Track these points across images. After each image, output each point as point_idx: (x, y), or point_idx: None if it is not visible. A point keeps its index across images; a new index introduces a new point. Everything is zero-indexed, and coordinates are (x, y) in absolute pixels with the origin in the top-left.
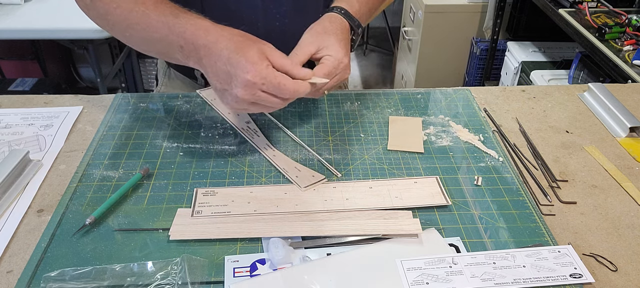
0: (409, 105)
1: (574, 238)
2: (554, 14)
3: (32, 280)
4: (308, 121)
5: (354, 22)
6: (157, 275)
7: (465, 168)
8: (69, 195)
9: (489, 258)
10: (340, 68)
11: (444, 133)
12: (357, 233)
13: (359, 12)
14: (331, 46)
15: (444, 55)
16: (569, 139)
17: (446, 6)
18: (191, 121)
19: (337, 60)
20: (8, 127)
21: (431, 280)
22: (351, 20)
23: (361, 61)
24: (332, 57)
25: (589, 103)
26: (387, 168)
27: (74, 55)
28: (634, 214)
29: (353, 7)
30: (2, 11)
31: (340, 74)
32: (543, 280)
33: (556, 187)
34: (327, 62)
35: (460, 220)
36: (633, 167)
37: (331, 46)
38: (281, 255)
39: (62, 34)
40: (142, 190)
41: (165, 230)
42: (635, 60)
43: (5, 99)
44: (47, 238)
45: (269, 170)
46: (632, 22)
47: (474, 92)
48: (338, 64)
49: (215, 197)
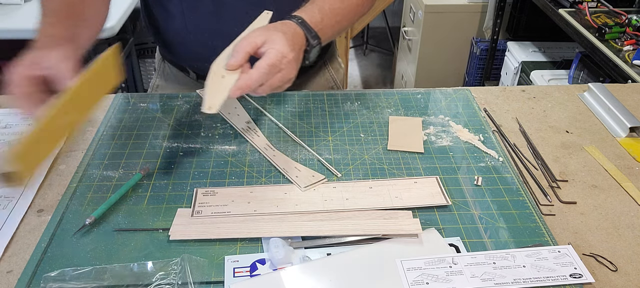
0: (409, 105)
1: (574, 238)
2: (554, 14)
3: (32, 280)
4: (308, 121)
5: (310, 33)
6: (157, 275)
7: (465, 168)
8: (69, 195)
9: (489, 258)
10: (284, 63)
11: (444, 133)
12: (357, 233)
13: (321, 24)
14: (278, 41)
15: (444, 55)
16: (569, 139)
17: (446, 6)
18: (191, 121)
19: (281, 53)
20: (8, 127)
21: (431, 280)
22: (307, 30)
23: (361, 61)
24: (276, 49)
25: (589, 103)
26: (387, 168)
27: None
28: (634, 214)
29: (313, 17)
30: (2, 11)
31: (284, 69)
32: (543, 280)
33: (556, 187)
34: (270, 54)
35: (460, 220)
36: (633, 167)
37: (278, 41)
38: (281, 255)
39: None
40: (142, 190)
41: (165, 230)
42: (635, 60)
43: (6, 99)
44: (47, 238)
45: (269, 170)
46: (632, 22)
47: (474, 92)
48: (282, 57)
49: (215, 197)
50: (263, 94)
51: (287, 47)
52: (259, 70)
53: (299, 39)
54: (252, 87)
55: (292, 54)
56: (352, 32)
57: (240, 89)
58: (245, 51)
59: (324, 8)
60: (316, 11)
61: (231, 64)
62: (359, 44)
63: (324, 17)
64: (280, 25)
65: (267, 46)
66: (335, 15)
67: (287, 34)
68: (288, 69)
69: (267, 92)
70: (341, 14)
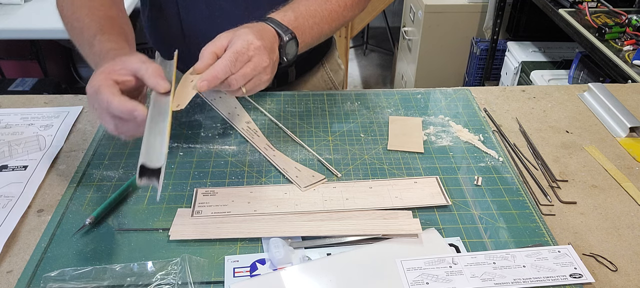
0: (409, 105)
1: (574, 238)
2: (554, 14)
3: (32, 280)
4: (308, 121)
5: (280, 27)
6: (157, 275)
7: (465, 168)
8: (69, 195)
9: (489, 258)
10: (252, 49)
11: (444, 133)
12: (357, 233)
13: (295, 22)
14: (243, 34)
15: (444, 55)
16: (569, 139)
17: (446, 6)
18: (191, 121)
19: (247, 41)
20: (8, 127)
21: (431, 280)
22: (277, 25)
23: (361, 61)
24: (242, 39)
25: (589, 103)
26: (387, 168)
27: (74, 55)
28: (634, 214)
29: (285, 16)
30: (2, 11)
31: (254, 57)
32: (543, 280)
33: (556, 187)
34: (236, 43)
35: (460, 220)
36: (633, 167)
37: (243, 34)
38: (281, 255)
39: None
40: (142, 190)
41: (165, 230)
42: (635, 60)
43: (5, 99)
44: (47, 238)
45: (269, 170)
46: (632, 22)
47: (474, 92)
48: (248, 45)
49: (215, 197)
50: (239, 85)
51: (253, 36)
52: (223, 59)
53: (268, 32)
54: (218, 76)
55: (259, 42)
56: (352, 32)
57: (207, 80)
58: (211, 51)
59: (298, 9)
60: (288, 11)
61: (197, 67)
62: (359, 44)
63: (298, 16)
64: (245, 25)
65: (232, 41)
66: (312, 16)
67: (253, 27)
68: (259, 56)
69: (242, 84)
70: (320, 15)
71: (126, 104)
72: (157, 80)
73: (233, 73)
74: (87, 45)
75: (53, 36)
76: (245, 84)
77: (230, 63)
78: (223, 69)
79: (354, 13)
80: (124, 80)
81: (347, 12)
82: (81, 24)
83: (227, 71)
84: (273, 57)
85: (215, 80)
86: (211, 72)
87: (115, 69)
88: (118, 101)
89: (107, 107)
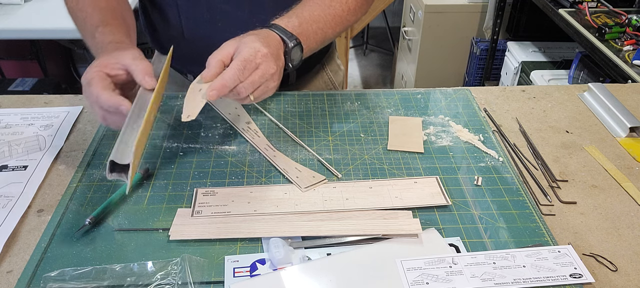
0: (409, 105)
1: (574, 238)
2: (554, 14)
3: (32, 280)
4: (308, 121)
5: (285, 33)
6: (157, 275)
7: (465, 168)
8: (69, 195)
9: (489, 258)
10: (259, 57)
11: (444, 133)
12: (357, 233)
13: (299, 28)
14: (250, 41)
15: (444, 55)
16: (569, 139)
17: (446, 6)
18: (191, 121)
19: (254, 49)
20: (8, 127)
21: (431, 280)
22: (281, 32)
23: (361, 61)
24: (249, 46)
25: (589, 103)
26: (387, 168)
27: (74, 55)
28: (634, 214)
29: (289, 22)
30: (2, 11)
31: (262, 64)
32: (543, 280)
33: (556, 187)
34: (243, 51)
35: (460, 220)
36: (633, 167)
37: (250, 41)
38: (281, 255)
39: (62, 34)
40: (142, 190)
41: (165, 230)
42: (635, 60)
43: (5, 99)
44: (47, 238)
45: (269, 171)
46: (632, 22)
47: (474, 92)
48: (255, 52)
49: (215, 197)
50: (248, 93)
51: (260, 44)
52: (232, 67)
53: (273, 39)
54: (227, 85)
55: (266, 49)
56: (352, 32)
57: (216, 89)
58: (218, 59)
59: (302, 14)
60: (293, 17)
61: (205, 75)
62: (359, 44)
63: (302, 22)
64: (250, 32)
65: (240, 48)
66: (316, 21)
67: (259, 35)
68: (266, 64)
69: (250, 92)
70: (324, 20)
71: (113, 99)
72: (145, 77)
73: (241, 81)
74: (89, 35)
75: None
76: (253, 92)
77: (238, 71)
78: (231, 78)
79: (357, 17)
80: (117, 74)
81: (350, 16)
82: (84, 14)
83: (235, 80)
84: (279, 64)
85: (225, 89)
86: (220, 81)
87: (110, 62)
88: (106, 95)
89: (96, 99)
